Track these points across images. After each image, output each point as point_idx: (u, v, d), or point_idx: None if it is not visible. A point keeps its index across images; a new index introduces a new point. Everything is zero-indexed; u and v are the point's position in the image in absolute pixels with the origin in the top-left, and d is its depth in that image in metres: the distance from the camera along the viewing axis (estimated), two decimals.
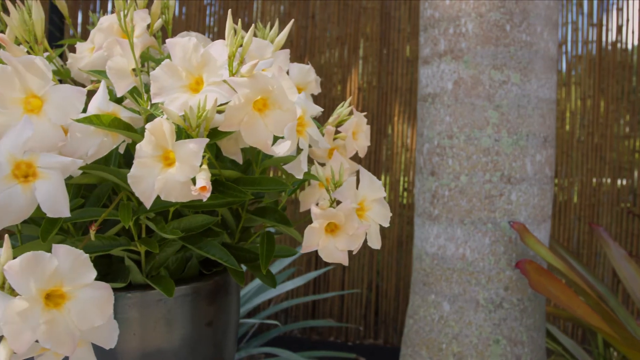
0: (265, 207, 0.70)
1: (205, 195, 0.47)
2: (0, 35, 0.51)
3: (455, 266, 1.44)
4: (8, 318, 0.40)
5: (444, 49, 1.45)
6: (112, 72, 0.55)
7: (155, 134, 0.49)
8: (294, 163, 0.57)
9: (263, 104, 0.53)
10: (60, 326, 0.42)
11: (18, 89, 0.51)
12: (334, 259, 0.58)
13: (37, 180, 0.47)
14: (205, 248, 0.65)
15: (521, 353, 1.43)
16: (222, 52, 0.50)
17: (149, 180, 0.51)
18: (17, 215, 0.47)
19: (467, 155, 1.42)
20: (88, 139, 0.54)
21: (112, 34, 0.60)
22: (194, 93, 0.52)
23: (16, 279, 0.41)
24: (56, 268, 0.41)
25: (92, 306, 0.43)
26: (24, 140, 0.47)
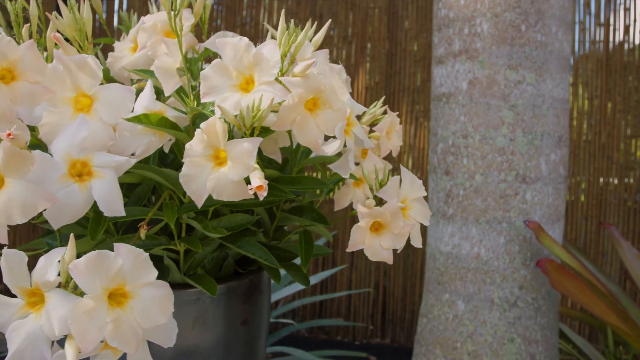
0: (302, 206, 0.70)
1: (263, 194, 0.47)
2: (54, 34, 0.51)
3: (470, 265, 1.44)
4: (75, 317, 0.40)
5: (459, 48, 1.45)
6: (159, 71, 0.55)
7: (208, 133, 0.50)
8: (341, 162, 0.57)
9: (313, 104, 0.53)
10: (125, 325, 0.42)
11: (69, 87, 0.51)
12: (379, 258, 0.59)
13: (93, 179, 0.47)
14: (245, 247, 0.65)
15: (535, 352, 1.43)
16: (275, 52, 0.50)
17: (201, 180, 0.51)
18: (74, 214, 0.47)
19: (482, 154, 1.42)
20: (136, 138, 0.54)
21: (155, 33, 0.60)
22: (244, 92, 0.52)
23: (81, 277, 0.41)
24: (120, 267, 0.42)
25: (155, 305, 0.43)
26: (80, 140, 0.47)
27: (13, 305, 0.43)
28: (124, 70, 0.64)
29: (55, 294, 0.42)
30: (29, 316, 0.43)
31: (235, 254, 0.72)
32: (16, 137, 0.40)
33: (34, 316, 0.43)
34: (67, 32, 0.61)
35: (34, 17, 0.60)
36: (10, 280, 0.43)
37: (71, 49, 0.53)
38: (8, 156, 0.41)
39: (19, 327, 0.42)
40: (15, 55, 0.47)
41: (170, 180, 0.60)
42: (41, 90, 0.48)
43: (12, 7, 0.58)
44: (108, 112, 0.51)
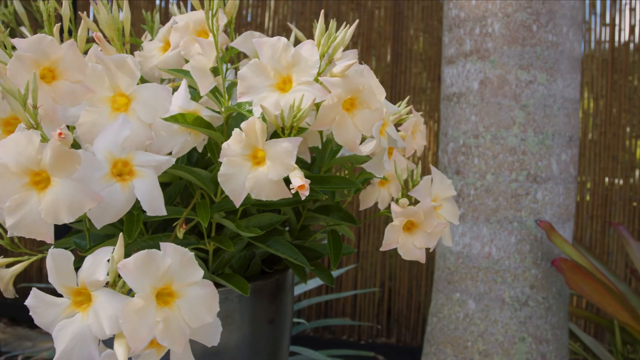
0: (328, 205, 0.70)
1: (305, 194, 0.47)
2: (96, 34, 0.52)
3: (481, 264, 1.44)
4: (126, 316, 0.40)
5: (470, 48, 1.46)
6: (195, 71, 0.55)
7: (248, 133, 0.50)
8: (375, 162, 0.57)
9: (350, 104, 0.53)
10: (174, 324, 0.42)
11: (107, 87, 0.51)
12: (412, 256, 0.59)
13: (134, 179, 0.47)
14: (274, 246, 0.65)
15: (546, 351, 1.44)
16: (313, 52, 0.50)
17: (239, 179, 0.51)
18: (116, 213, 0.47)
19: (494, 154, 1.43)
20: (172, 137, 0.54)
21: (188, 33, 0.60)
22: (281, 92, 0.52)
23: (131, 277, 0.41)
24: (168, 266, 0.42)
25: (201, 304, 0.43)
26: (123, 139, 0.47)
27: (59, 304, 0.43)
28: (154, 70, 0.64)
29: (103, 293, 0.42)
30: (75, 315, 0.43)
31: (262, 253, 0.72)
32: (67, 136, 0.40)
33: (81, 315, 0.43)
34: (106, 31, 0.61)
35: (65, 16, 0.60)
36: (56, 280, 0.43)
37: (111, 48, 0.53)
38: (57, 155, 0.41)
39: (65, 326, 0.43)
40: (58, 54, 0.47)
41: (201, 180, 0.60)
42: (82, 89, 0.48)
43: (45, 7, 0.58)
44: (146, 111, 0.51)
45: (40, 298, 0.43)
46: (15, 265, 0.71)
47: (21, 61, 0.46)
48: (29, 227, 0.42)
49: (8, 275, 0.70)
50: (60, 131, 0.40)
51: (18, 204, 0.42)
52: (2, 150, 0.42)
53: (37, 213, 0.42)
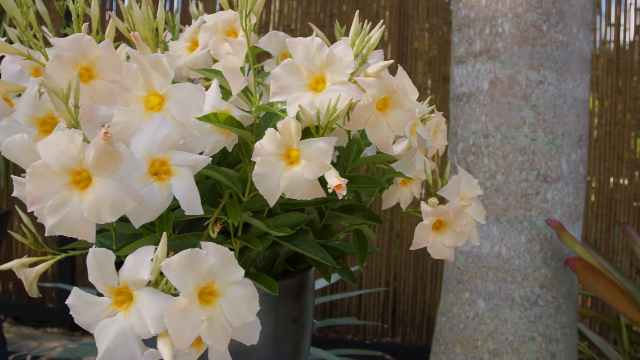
0: (352, 204, 0.71)
1: (342, 193, 0.47)
2: (133, 34, 0.52)
3: (491, 264, 1.45)
4: (171, 315, 0.40)
5: (480, 48, 1.46)
6: (227, 70, 0.55)
7: (283, 133, 0.50)
8: (405, 161, 0.57)
9: (383, 104, 0.53)
10: (217, 323, 0.42)
11: (141, 86, 0.51)
12: (441, 255, 0.59)
13: (172, 178, 0.47)
14: (301, 245, 0.65)
15: (556, 350, 1.44)
16: (348, 52, 0.51)
17: (274, 178, 0.51)
18: (154, 212, 0.47)
19: (504, 154, 1.43)
20: (205, 137, 0.54)
21: (216, 32, 0.60)
22: (315, 92, 0.52)
23: (175, 276, 0.41)
24: (211, 265, 0.42)
25: (243, 302, 0.44)
26: (161, 138, 0.47)
27: (100, 304, 0.43)
28: (181, 69, 0.64)
29: (145, 293, 0.42)
30: (117, 315, 0.43)
31: (286, 252, 0.72)
32: (112, 135, 0.40)
33: (123, 314, 0.43)
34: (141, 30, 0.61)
35: (94, 17, 0.60)
36: (97, 279, 0.43)
37: (146, 48, 0.53)
38: (100, 154, 0.41)
39: (107, 325, 0.43)
40: (95, 54, 0.47)
41: (230, 179, 0.60)
42: (119, 89, 0.48)
43: (74, 7, 0.58)
44: (180, 111, 0.51)
45: (81, 297, 0.43)
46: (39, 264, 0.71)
47: (60, 60, 0.46)
48: (71, 226, 0.42)
49: (33, 274, 0.70)
50: (107, 130, 0.40)
51: (60, 204, 0.42)
52: (43, 150, 0.42)
53: (79, 212, 0.42)
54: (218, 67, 0.61)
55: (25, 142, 0.46)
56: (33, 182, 0.42)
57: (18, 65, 0.63)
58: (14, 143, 0.46)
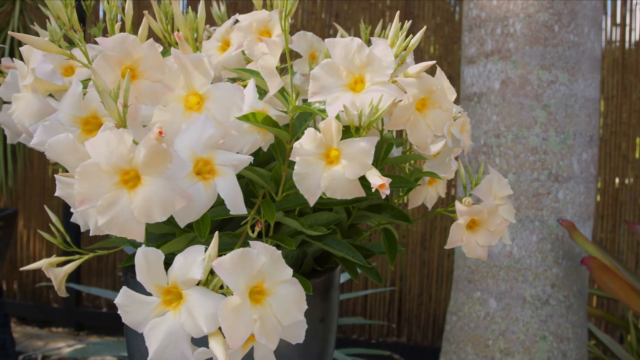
0: (380, 203, 0.71)
1: (386, 192, 0.48)
2: (177, 33, 0.52)
3: (502, 263, 1.45)
4: (225, 314, 0.40)
5: (491, 48, 1.47)
6: (264, 70, 0.55)
7: (325, 133, 0.50)
8: (440, 161, 0.58)
9: (421, 104, 0.53)
10: (268, 321, 0.42)
11: (181, 86, 0.51)
12: (475, 254, 0.59)
13: (216, 178, 0.47)
14: (331, 244, 0.66)
15: (567, 349, 1.45)
16: (388, 53, 0.51)
17: (314, 178, 0.51)
18: (199, 211, 0.47)
19: (515, 154, 1.44)
20: (243, 136, 0.54)
21: (251, 32, 0.60)
22: (354, 92, 0.52)
23: (227, 275, 0.41)
24: (263, 265, 0.42)
25: (292, 301, 0.44)
26: (206, 138, 0.47)
27: (149, 303, 0.44)
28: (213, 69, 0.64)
29: (196, 292, 0.42)
30: (166, 314, 0.43)
31: (314, 252, 0.73)
32: (165, 135, 0.40)
33: (172, 314, 0.43)
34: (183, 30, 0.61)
35: (128, 16, 0.60)
36: (146, 278, 0.43)
37: (188, 47, 0.53)
38: (151, 154, 0.41)
39: (157, 325, 0.43)
40: (140, 54, 0.47)
41: (263, 179, 0.60)
42: (162, 88, 0.49)
43: (108, 7, 0.58)
44: (220, 110, 0.52)
45: (130, 297, 0.43)
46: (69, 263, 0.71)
47: (106, 60, 0.46)
48: (121, 225, 0.42)
49: (62, 273, 0.70)
50: (161, 130, 0.40)
51: (110, 203, 0.42)
52: (93, 150, 0.42)
53: (129, 212, 0.42)
54: (252, 67, 0.62)
55: (70, 141, 0.46)
56: (82, 181, 0.42)
57: (50, 65, 0.63)
58: (58, 142, 0.47)
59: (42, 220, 2.70)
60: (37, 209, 2.72)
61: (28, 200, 2.72)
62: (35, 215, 2.72)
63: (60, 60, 0.66)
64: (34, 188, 2.72)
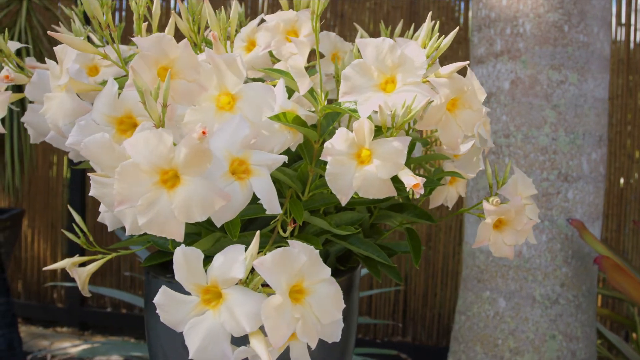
0: (402, 203, 0.71)
1: (420, 192, 0.48)
2: (213, 33, 0.52)
3: (512, 263, 1.46)
4: (267, 313, 0.40)
5: (500, 49, 1.47)
6: (294, 70, 0.55)
7: (358, 133, 0.50)
8: (467, 161, 0.58)
9: (452, 104, 0.53)
10: (309, 320, 0.42)
11: (214, 86, 0.51)
12: (502, 253, 0.60)
13: (251, 177, 0.48)
14: (356, 244, 0.66)
15: (576, 348, 1.46)
16: (419, 53, 0.51)
17: (346, 178, 0.51)
18: (235, 211, 0.47)
19: (525, 153, 1.44)
20: (274, 136, 0.55)
21: (278, 33, 0.61)
22: (385, 92, 0.53)
23: (268, 274, 0.41)
24: (303, 264, 0.42)
25: (330, 301, 0.44)
26: (242, 138, 0.47)
27: (188, 302, 0.44)
28: None
29: (236, 291, 0.42)
30: (205, 313, 0.43)
31: (337, 251, 0.73)
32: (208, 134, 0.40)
33: (212, 313, 0.43)
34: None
35: (155, 15, 0.60)
36: (186, 278, 0.43)
37: (222, 47, 0.53)
38: (193, 153, 0.42)
39: (197, 324, 0.43)
40: (175, 53, 0.48)
41: (290, 178, 0.60)
42: (197, 88, 0.49)
43: (136, 7, 0.58)
44: (253, 110, 0.52)
45: (170, 296, 0.44)
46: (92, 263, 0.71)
47: (144, 60, 0.46)
48: (161, 225, 0.43)
49: (85, 273, 0.70)
50: (204, 130, 0.40)
51: (150, 203, 0.42)
52: (132, 150, 0.42)
53: (169, 212, 0.42)
54: (279, 67, 0.62)
55: (106, 141, 0.46)
56: (122, 181, 0.42)
57: (77, 65, 0.63)
58: (94, 142, 0.47)
59: (46, 221, 2.70)
60: (41, 208, 2.72)
61: (32, 200, 2.71)
62: (39, 215, 2.71)
63: (85, 60, 0.67)
64: (38, 188, 2.72)
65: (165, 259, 0.74)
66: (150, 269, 0.72)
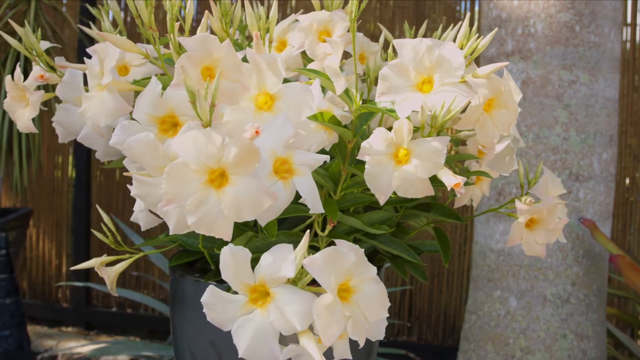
0: (429, 202, 0.71)
1: (461, 191, 0.48)
2: (256, 33, 0.52)
3: (523, 262, 1.46)
4: (319, 312, 0.41)
5: (512, 49, 1.47)
6: (330, 70, 0.56)
7: (397, 133, 0.51)
8: (499, 161, 0.58)
9: (488, 105, 0.54)
10: (358, 318, 0.43)
11: (254, 85, 0.52)
12: (534, 252, 0.60)
13: (294, 177, 0.48)
14: (385, 243, 0.66)
15: (587, 347, 1.46)
16: (458, 54, 0.51)
17: (385, 178, 0.52)
18: (278, 210, 0.48)
19: (536, 153, 1.45)
20: (311, 136, 0.55)
21: (312, 33, 0.61)
22: (422, 93, 0.53)
23: (319, 273, 0.41)
24: (352, 263, 0.42)
25: (377, 299, 0.44)
26: (287, 138, 0.47)
27: (236, 301, 0.44)
28: None
29: (285, 290, 0.43)
30: (253, 312, 0.44)
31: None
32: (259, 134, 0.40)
33: (260, 312, 0.43)
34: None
35: (188, 15, 0.61)
36: (233, 277, 0.44)
37: (263, 47, 0.54)
38: (242, 153, 0.42)
39: (245, 323, 0.43)
40: (219, 53, 0.48)
41: (323, 178, 0.61)
42: (240, 88, 0.49)
43: (170, 7, 0.59)
44: (291, 110, 0.52)
45: (217, 295, 0.44)
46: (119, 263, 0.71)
47: (189, 60, 0.46)
48: (210, 224, 0.43)
49: (113, 273, 0.71)
50: (257, 129, 0.40)
51: (199, 202, 0.43)
52: (180, 149, 0.43)
53: (218, 211, 0.43)
54: (313, 67, 0.62)
55: (150, 140, 0.47)
56: (171, 181, 0.42)
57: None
58: (138, 142, 0.47)
59: (51, 220, 2.70)
60: (46, 208, 2.71)
61: (37, 200, 2.71)
62: (44, 215, 2.71)
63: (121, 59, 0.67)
64: (43, 188, 2.72)
65: (190, 259, 0.74)
66: (176, 268, 0.73)
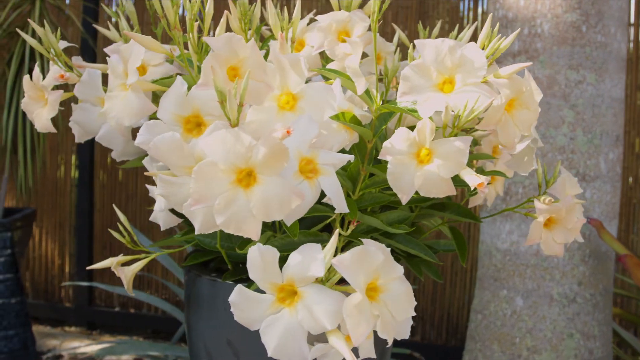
0: (444, 202, 0.72)
1: (484, 191, 0.49)
2: (281, 34, 0.52)
3: (529, 262, 1.47)
4: (349, 311, 0.41)
5: (518, 49, 1.48)
6: (351, 71, 0.56)
7: (420, 133, 0.51)
8: (519, 160, 0.59)
9: (509, 105, 0.54)
10: (386, 317, 0.43)
11: (277, 85, 0.52)
12: (552, 252, 0.60)
13: (320, 176, 0.48)
14: (402, 242, 0.67)
15: (593, 347, 1.47)
16: (479, 54, 0.52)
17: (407, 177, 0.52)
18: (304, 210, 0.48)
19: (543, 153, 1.45)
20: (333, 135, 0.55)
21: (331, 33, 0.61)
22: (443, 93, 0.53)
23: (348, 272, 0.42)
24: (380, 262, 0.43)
25: (403, 298, 0.44)
26: (311, 138, 0.48)
27: (264, 301, 0.44)
28: None
29: (314, 289, 0.43)
30: (281, 311, 0.44)
31: None
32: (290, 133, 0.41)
33: (288, 311, 0.43)
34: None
35: (208, 15, 0.61)
36: (262, 276, 0.44)
37: (287, 47, 0.54)
38: (272, 153, 0.42)
39: (273, 322, 0.43)
40: (245, 53, 0.48)
41: (341, 177, 0.61)
42: (265, 87, 0.49)
43: (190, 6, 0.59)
44: (314, 110, 0.52)
45: (245, 295, 0.44)
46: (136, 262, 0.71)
47: (216, 59, 0.46)
48: (239, 224, 0.43)
49: (130, 273, 0.71)
50: (289, 129, 0.40)
51: (227, 202, 0.43)
52: (209, 149, 0.43)
53: (247, 210, 0.43)
54: (332, 67, 0.62)
55: (176, 140, 0.47)
56: (199, 180, 0.43)
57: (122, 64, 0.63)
58: (163, 141, 0.47)
59: (54, 220, 2.70)
60: (49, 208, 2.71)
61: (40, 200, 2.71)
62: (47, 215, 2.71)
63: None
64: (46, 187, 2.71)
65: (205, 258, 0.74)
66: (192, 267, 0.73)
